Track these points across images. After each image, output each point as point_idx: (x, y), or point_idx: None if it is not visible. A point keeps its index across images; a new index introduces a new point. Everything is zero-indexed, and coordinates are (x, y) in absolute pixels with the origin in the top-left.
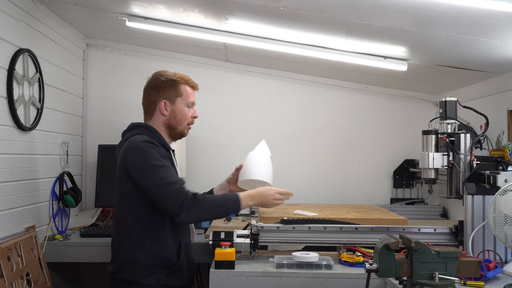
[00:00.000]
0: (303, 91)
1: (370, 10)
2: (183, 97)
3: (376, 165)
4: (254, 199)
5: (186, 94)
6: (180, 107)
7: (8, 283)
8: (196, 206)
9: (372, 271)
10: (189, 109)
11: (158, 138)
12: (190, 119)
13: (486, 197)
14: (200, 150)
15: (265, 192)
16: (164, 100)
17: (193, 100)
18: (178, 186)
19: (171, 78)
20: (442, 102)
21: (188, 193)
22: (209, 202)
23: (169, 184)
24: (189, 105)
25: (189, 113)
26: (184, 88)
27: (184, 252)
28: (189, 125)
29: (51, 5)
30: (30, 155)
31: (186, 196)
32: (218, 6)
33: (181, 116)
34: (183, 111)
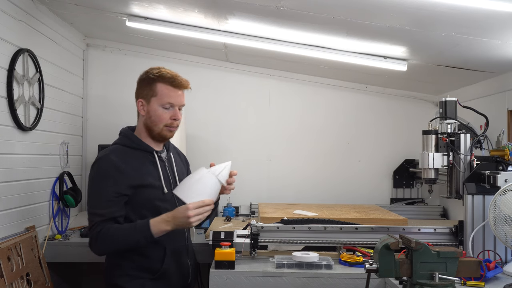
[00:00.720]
0: (303, 91)
1: (370, 10)
2: (158, 97)
3: (376, 165)
4: (169, 223)
5: (162, 94)
6: (154, 108)
7: (8, 283)
8: (99, 243)
9: (372, 271)
10: (165, 110)
11: (135, 143)
12: (168, 121)
13: (486, 197)
14: (200, 150)
15: (177, 214)
16: (140, 99)
17: (169, 101)
18: (94, 219)
19: (148, 75)
20: (442, 102)
21: (97, 228)
22: (113, 237)
23: (90, 214)
24: (165, 106)
25: (165, 114)
26: (160, 87)
27: (171, 259)
28: (170, 127)
29: (51, 5)
30: (30, 155)
31: (94, 231)
32: (218, 6)
33: (155, 118)
34: (157, 112)
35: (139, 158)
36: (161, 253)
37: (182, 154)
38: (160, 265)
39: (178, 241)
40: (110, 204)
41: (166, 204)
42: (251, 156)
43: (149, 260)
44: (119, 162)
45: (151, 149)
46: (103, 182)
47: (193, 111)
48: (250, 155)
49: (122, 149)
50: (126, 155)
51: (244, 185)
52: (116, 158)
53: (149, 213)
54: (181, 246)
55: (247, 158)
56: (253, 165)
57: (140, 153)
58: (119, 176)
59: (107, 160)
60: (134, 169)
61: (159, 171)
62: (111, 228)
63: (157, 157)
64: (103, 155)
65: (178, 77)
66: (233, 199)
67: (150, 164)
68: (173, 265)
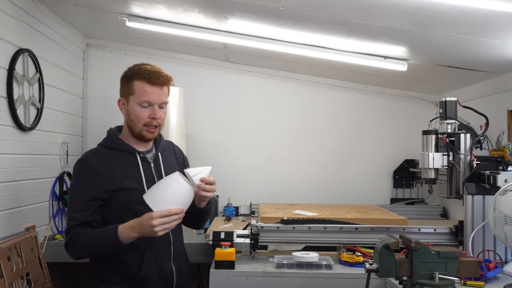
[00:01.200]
0: (303, 91)
1: (370, 10)
2: (135, 95)
3: (376, 165)
4: (135, 230)
5: (139, 92)
6: (132, 107)
7: (8, 283)
8: (71, 247)
9: (372, 271)
10: (143, 108)
11: (117, 144)
12: (147, 120)
13: (486, 197)
14: (200, 150)
15: (142, 222)
16: (121, 98)
17: (146, 99)
18: (69, 222)
19: (128, 73)
20: (442, 102)
21: (71, 232)
22: (83, 243)
23: (67, 217)
24: (143, 104)
25: (143, 113)
26: (137, 85)
27: (150, 264)
28: (149, 127)
29: (51, 5)
30: (30, 155)
31: (69, 235)
32: (218, 6)
33: (134, 117)
34: (135, 111)
35: (120, 160)
36: (139, 258)
37: (180, 153)
38: (138, 271)
39: (159, 246)
40: (84, 208)
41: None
42: (251, 156)
43: (127, 265)
44: (96, 165)
45: (133, 150)
46: (79, 185)
47: (193, 111)
48: (250, 155)
49: (103, 150)
50: (106, 157)
51: (244, 185)
52: (93, 160)
53: (129, 217)
54: (164, 251)
55: (247, 158)
56: (253, 165)
57: (122, 154)
58: (95, 180)
59: (84, 163)
60: (111, 172)
61: (141, 173)
62: (81, 234)
63: (140, 158)
64: (82, 157)
65: (156, 73)
66: (233, 199)
67: (131, 166)
68: (153, 272)
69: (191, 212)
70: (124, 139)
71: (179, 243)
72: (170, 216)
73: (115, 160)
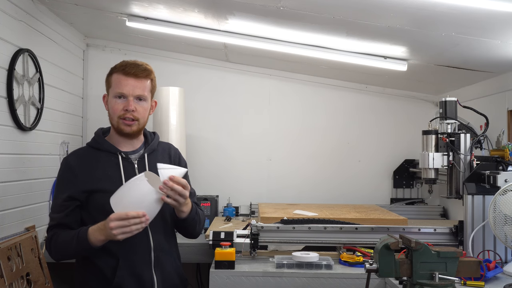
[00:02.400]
0: (303, 91)
1: (370, 10)
2: (112, 87)
3: (376, 165)
4: (102, 232)
5: (115, 84)
6: (110, 99)
7: (8, 283)
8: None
9: (372, 271)
10: (117, 100)
11: (99, 143)
12: (121, 112)
13: (486, 197)
14: (200, 150)
15: (106, 223)
16: (105, 93)
17: (119, 90)
18: (49, 222)
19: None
20: (442, 102)
21: (50, 233)
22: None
23: (50, 218)
24: (117, 95)
25: (117, 105)
26: (114, 77)
27: (126, 271)
28: (125, 120)
29: (51, 5)
30: (30, 155)
31: (48, 235)
32: (218, 6)
33: (111, 110)
34: (111, 103)
35: (102, 160)
36: (113, 264)
37: (176, 154)
38: (112, 278)
39: (136, 253)
40: (62, 209)
41: None
42: (251, 156)
43: (102, 271)
44: (75, 165)
45: (114, 149)
46: (58, 185)
47: (193, 111)
48: (250, 155)
49: (87, 150)
50: (88, 157)
51: (244, 185)
52: (74, 160)
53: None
54: (143, 258)
55: (247, 158)
56: (253, 165)
57: (105, 154)
58: (72, 180)
59: (65, 163)
60: (89, 173)
61: (121, 173)
62: (58, 235)
63: (121, 158)
64: (65, 157)
65: (132, 64)
66: (233, 199)
67: (112, 166)
68: (129, 280)
69: (176, 223)
70: (110, 139)
71: (164, 250)
72: (128, 220)
73: (96, 160)
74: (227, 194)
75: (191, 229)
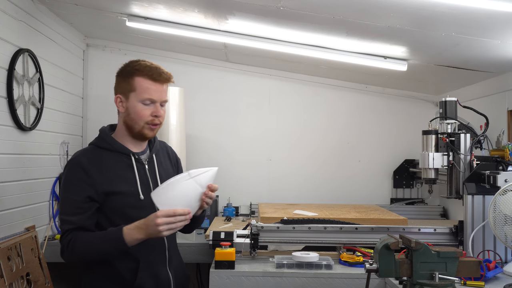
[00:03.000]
0: (303, 91)
1: (370, 10)
2: (137, 92)
3: (376, 165)
4: (142, 231)
5: (141, 89)
6: (133, 104)
7: (8, 283)
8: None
9: (372, 271)
10: (145, 106)
11: (109, 144)
12: (149, 118)
13: (486, 197)
14: (200, 150)
15: (148, 222)
16: (119, 95)
17: (149, 97)
18: (65, 226)
19: (127, 69)
20: (442, 102)
21: (68, 236)
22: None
23: (62, 221)
24: (145, 102)
25: (145, 111)
26: (139, 81)
27: (146, 272)
28: (151, 125)
29: (51, 5)
30: (30, 155)
31: (65, 240)
32: (218, 6)
33: (135, 115)
34: (136, 108)
35: (113, 161)
36: (133, 266)
37: (173, 154)
38: (133, 280)
39: (155, 253)
40: (80, 211)
41: (142, 212)
42: (251, 156)
43: (119, 273)
44: (89, 166)
45: (127, 151)
46: (73, 187)
47: (193, 111)
48: (250, 155)
49: (95, 150)
50: (100, 157)
51: (244, 185)
52: (86, 161)
53: (121, 221)
54: (159, 257)
55: (247, 158)
56: (253, 165)
57: (115, 155)
58: (89, 181)
59: (77, 163)
60: (105, 174)
61: (136, 175)
62: (80, 237)
63: (134, 159)
64: (74, 157)
65: (159, 69)
66: (233, 199)
67: (125, 167)
68: (149, 279)
69: None
70: (118, 139)
71: (174, 248)
72: (175, 217)
73: (109, 161)
74: (227, 194)
75: (196, 225)
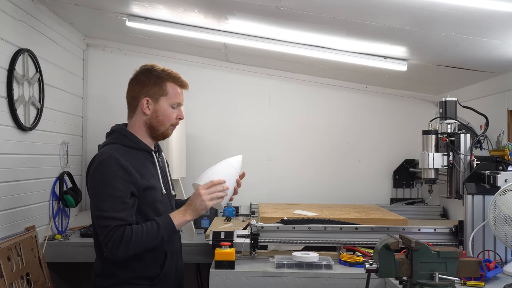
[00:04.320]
0: (303, 91)
1: (370, 10)
2: (168, 96)
3: (376, 165)
4: (187, 212)
5: (172, 94)
6: (164, 107)
7: (8, 283)
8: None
9: (372, 271)
10: (173, 109)
11: (134, 143)
12: (175, 120)
13: (486, 197)
14: (200, 150)
15: (191, 200)
16: (147, 98)
17: (179, 101)
18: (111, 223)
19: (157, 74)
20: (442, 102)
21: (117, 232)
22: (138, 237)
23: (104, 218)
24: (174, 105)
25: (173, 114)
26: (171, 87)
27: (170, 262)
28: (174, 127)
29: (51, 5)
30: (30, 155)
31: (114, 235)
32: (218, 6)
33: (163, 117)
34: (167, 111)
35: (140, 158)
36: (162, 257)
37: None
38: (160, 270)
39: (175, 243)
40: (125, 206)
41: (164, 206)
42: (251, 156)
43: (147, 265)
44: (125, 163)
45: (150, 149)
46: (115, 184)
47: (193, 111)
48: (250, 155)
49: (122, 149)
50: (129, 155)
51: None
52: (122, 158)
53: (152, 214)
54: (178, 248)
55: (247, 158)
56: (253, 165)
57: (140, 153)
58: (129, 177)
59: (114, 160)
60: (139, 170)
61: (158, 171)
62: (135, 232)
63: (156, 157)
64: (107, 156)
65: (182, 78)
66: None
67: (150, 164)
68: (172, 268)
69: None
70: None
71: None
72: (215, 186)
73: (137, 159)
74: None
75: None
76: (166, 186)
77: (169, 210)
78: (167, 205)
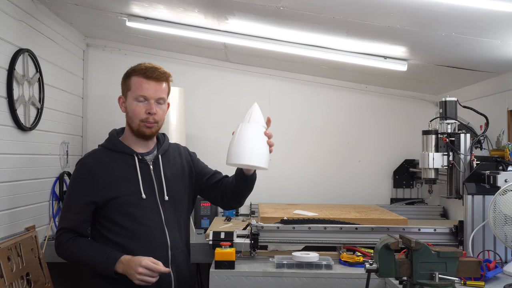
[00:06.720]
0: (303, 91)
1: (370, 10)
2: (132, 90)
3: (376, 165)
4: (120, 266)
5: (135, 87)
6: (129, 102)
7: (8, 283)
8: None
9: (372, 271)
10: (139, 103)
11: (114, 145)
12: (144, 115)
13: (486, 197)
14: (200, 150)
15: (131, 263)
16: (120, 96)
17: (142, 93)
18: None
19: (127, 71)
20: (442, 102)
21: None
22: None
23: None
24: (139, 98)
25: (139, 108)
26: (134, 80)
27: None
28: (146, 123)
29: (51, 5)
30: (30, 155)
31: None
32: (218, 6)
33: (131, 113)
34: (131, 106)
35: (119, 162)
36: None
37: (186, 152)
38: None
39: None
40: (80, 211)
41: (143, 211)
42: None
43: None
44: (94, 167)
45: (130, 151)
46: (76, 188)
47: (193, 111)
48: None
49: (103, 152)
50: (105, 158)
51: None
52: (92, 162)
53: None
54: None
55: None
56: None
57: (120, 156)
58: (93, 183)
59: (82, 165)
60: (108, 175)
61: (138, 175)
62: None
63: (138, 160)
64: (81, 158)
65: (153, 68)
66: None
67: (129, 168)
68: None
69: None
70: (125, 140)
71: (178, 247)
72: (152, 272)
73: (113, 162)
74: None
75: (248, 191)
76: (151, 190)
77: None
78: (151, 210)
